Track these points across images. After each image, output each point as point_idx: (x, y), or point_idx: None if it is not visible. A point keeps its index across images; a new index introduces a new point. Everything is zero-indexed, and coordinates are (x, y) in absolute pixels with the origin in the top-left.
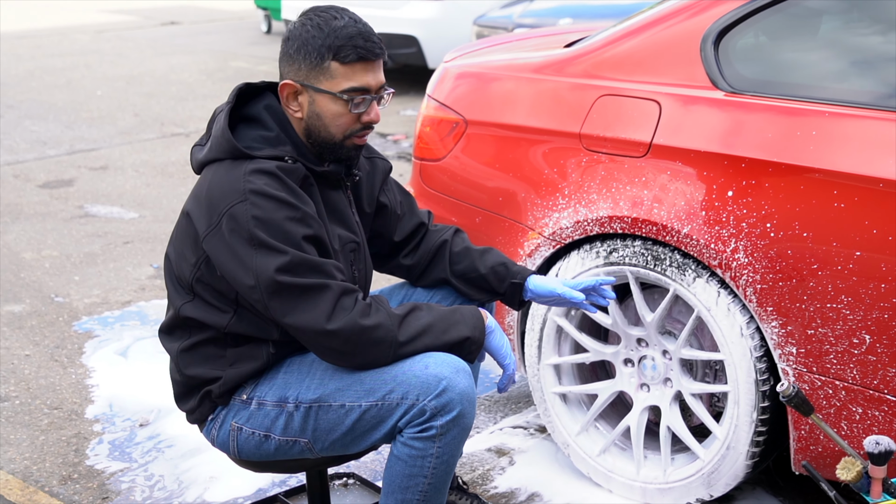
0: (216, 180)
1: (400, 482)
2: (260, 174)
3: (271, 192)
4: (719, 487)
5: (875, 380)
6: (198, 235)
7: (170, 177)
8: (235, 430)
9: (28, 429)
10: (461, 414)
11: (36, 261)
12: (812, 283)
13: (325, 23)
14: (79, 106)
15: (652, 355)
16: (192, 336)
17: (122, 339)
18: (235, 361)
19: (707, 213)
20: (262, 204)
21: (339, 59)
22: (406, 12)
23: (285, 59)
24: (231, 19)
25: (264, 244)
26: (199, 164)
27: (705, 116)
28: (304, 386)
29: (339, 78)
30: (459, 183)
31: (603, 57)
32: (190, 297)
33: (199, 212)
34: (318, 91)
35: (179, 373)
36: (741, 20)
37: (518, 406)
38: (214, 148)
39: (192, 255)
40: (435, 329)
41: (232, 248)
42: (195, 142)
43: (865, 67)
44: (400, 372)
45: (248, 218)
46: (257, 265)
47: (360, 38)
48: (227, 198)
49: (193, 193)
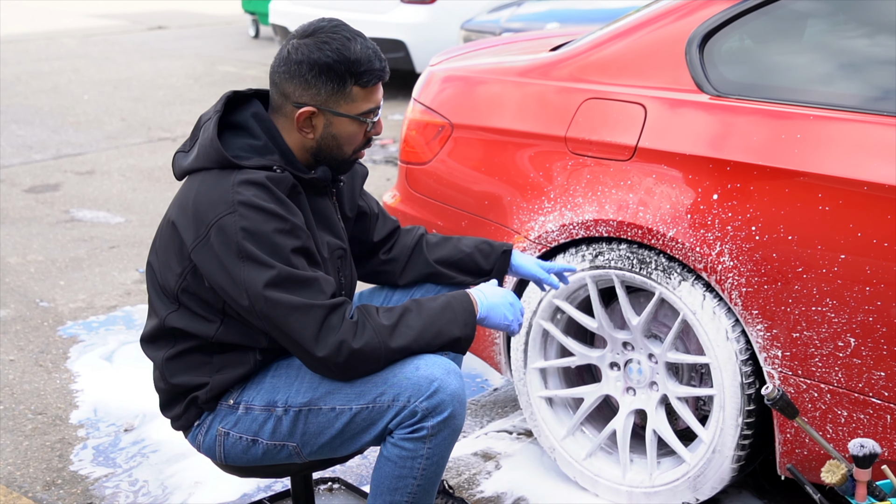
0: (204, 190)
1: (389, 483)
2: (249, 185)
3: (260, 203)
4: (705, 491)
5: (860, 383)
6: (184, 246)
7: (156, 181)
8: (222, 436)
9: (12, 434)
10: (452, 415)
11: (21, 265)
12: (797, 287)
13: (342, 47)
14: (65, 110)
15: (638, 359)
16: (177, 344)
17: (108, 344)
18: (222, 367)
19: (692, 216)
20: (250, 216)
21: (360, 84)
22: (394, 17)
23: (299, 84)
24: (218, 24)
25: (252, 257)
26: (182, 172)
27: (690, 120)
28: (293, 390)
29: (359, 101)
30: (445, 186)
31: (588, 60)
32: (175, 306)
33: (185, 222)
34: (337, 115)
35: (164, 381)
36: (726, 23)
37: (504, 410)
38: (202, 157)
39: (177, 265)
40: (426, 334)
41: (220, 260)
42: (178, 148)
43: (851, 71)
44: (391, 374)
45: (236, 230)
46: (246, 279)
47: (376, 61)
48: (216, 209)
49: (178, 202)
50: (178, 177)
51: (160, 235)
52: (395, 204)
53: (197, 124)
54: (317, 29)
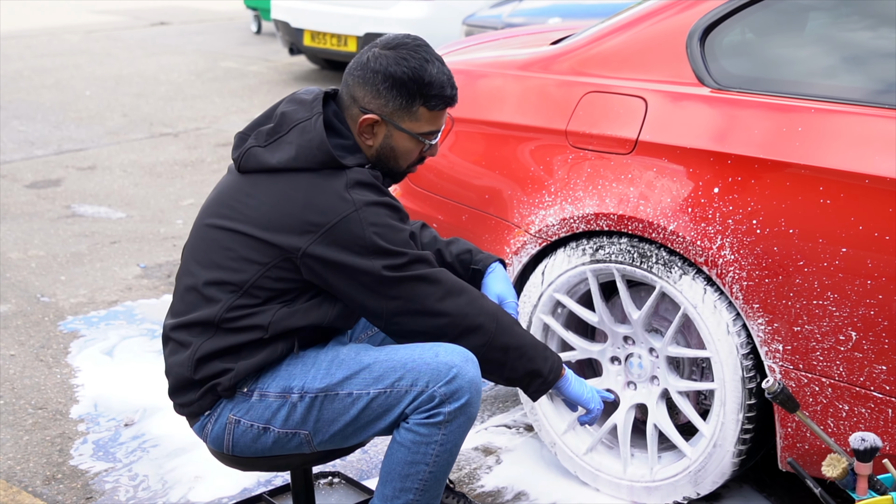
0: (315, 191)
1: (400, 469)
2: (362, 184)
3: (379, 199)
4: (706, 485)
5: (861, 376)
6: (283, 242)
7: (158, 176)
8: (232, 424)
9: (12, 429)
10: (469, 402)
11: (22, 261)
12: (798, 280)
13: (420, 67)
14: (67, 106)
15: (639, 353)
16: (219, 331)
17: (108, 339)
18: (249, 354)
19: (693, 209)
20: (375, 211)
21: (427, 106)
22: (396, 12)
23: (370, 91)
24: (221, 20)
25: (383, 250)
26: (266, 168)
27: (691, 113)
28: (309, 376)
29: (422, 122)
30: (446, 181)
31: (589, 54)
32: (235, 296)
33: (289, 221)
34: (399, 129)
35: (191, 366)
36: (727, 16)
37: (505, 405)
38: (304, 157)
39: (261, 257)
40: (525, 351)
41: (347, 255)
42: (250, 141)
43: (852, 64)
44: (410, 359)
45: (365, 225)
46: (380, 268)
47: (448, 88)
48: (336, 208)
49: (267, 200)
50: (249, 171)
51: (216, 239)
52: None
53: (280, 121)
54: (400, 44)
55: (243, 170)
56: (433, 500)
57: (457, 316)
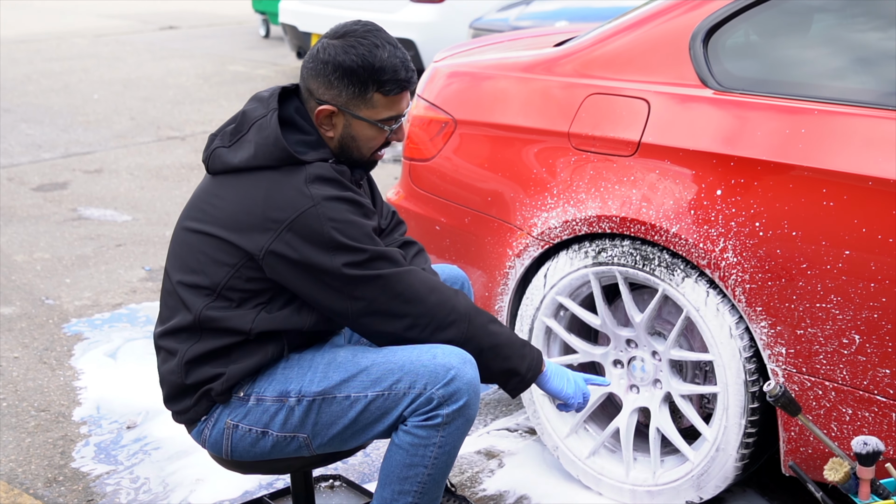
0: (275, 188)
1: (399, 472)
2: (322, 179)
3: (338, 193)
4: (709, 490)
5: (865, 380)
6: (247, 242)
7: (164, 180)
8: (230, 429)
9: (14, 431)
10: (467, 404)
11: (27, 263)
12: (801, 283)
13: (369, 53)
14: (75, 109)
15: (641, 356)
16: (203, 336)
17: (112, 341)
18: (239, 357)
19: (696, 212)
20: (333, 206)
21: (382, 92)
22: (403, 16)
23: (322, 83)
24: (229, 23)
25: (343, 245)
26: (229, 168)
27: (694, 115)
28: (306, 380)
29: (379, 108)
30: (448, 183)
31: (592, 56)
32: (210, 299)
33: (251, 220)
34: (356, 118)
35: (181, 373)
36: (731, 17)
37: (508, 408)
38: (262, 155)
39: (228, 258)
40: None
41: (309, 252)
42: (216, 143)
43: (856, 65)
44: (407, 361)
45: (323, 221)
46: (339, 265)
47: (402, 71)
48: (294, 204)
49: (232, 200)
50: (216, 172)
51: (188, 242)
52: (399, 201)
53: (241, 120)
54: (348, 31)
55: (211, 171)
56: (432, 502)
57: (424, 316)
